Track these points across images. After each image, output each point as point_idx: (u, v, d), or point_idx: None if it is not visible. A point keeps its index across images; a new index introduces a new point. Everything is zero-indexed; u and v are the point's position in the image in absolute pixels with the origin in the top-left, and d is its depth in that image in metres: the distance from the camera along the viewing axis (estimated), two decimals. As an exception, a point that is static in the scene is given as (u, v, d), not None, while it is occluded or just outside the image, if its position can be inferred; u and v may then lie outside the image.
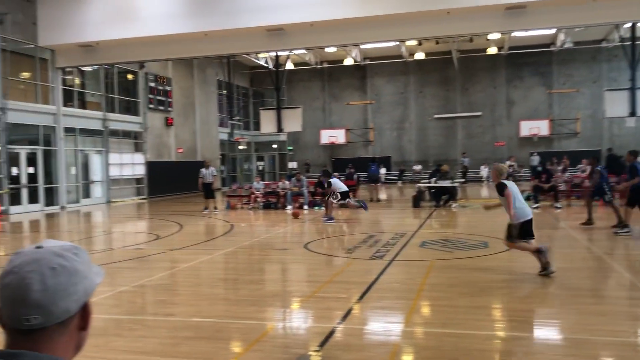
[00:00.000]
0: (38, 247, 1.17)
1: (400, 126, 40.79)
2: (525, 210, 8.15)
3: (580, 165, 25.84)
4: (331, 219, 15.81)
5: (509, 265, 9.30)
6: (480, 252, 10.33)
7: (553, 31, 32.59)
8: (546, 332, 5.76)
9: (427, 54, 36.98)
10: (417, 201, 19.90)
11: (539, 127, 37.25)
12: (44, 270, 1.12)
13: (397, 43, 32.89)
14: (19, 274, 1.12)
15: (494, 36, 31.01)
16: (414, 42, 33.05)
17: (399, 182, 37.62)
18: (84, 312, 1.20)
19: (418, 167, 38.65)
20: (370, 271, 8.69)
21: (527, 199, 12.95)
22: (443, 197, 19.63)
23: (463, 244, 11.35)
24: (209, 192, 20.17)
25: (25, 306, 1.10)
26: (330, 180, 16.81)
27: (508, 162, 32.13)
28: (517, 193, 8.21)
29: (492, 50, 35.43)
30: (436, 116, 39.83)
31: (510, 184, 8.25)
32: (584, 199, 15.71)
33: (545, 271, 7.91)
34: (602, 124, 36.27)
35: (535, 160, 32.81)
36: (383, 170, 36.19)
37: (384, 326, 5.96)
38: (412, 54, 37.77)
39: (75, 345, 1.21)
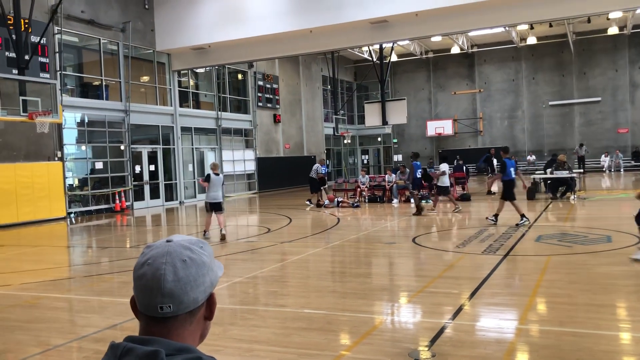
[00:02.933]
0: (168, 241, 1.24)
1: (512, 115, 39.10)
2: (211, 195, 12.52)
3: None
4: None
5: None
6: (603, 246, 9.66)
7: (684, 5, 29.65)
8: (682, 335, 5.27)
9: (539, 38, 35.15)
10: (531, 193, 19.00)
11: (669, 111, 34.16)
12: (175, 262, 1.19)
13: (507, 28, 31.51)
14: (153, 265, 1.19)
15: (615, 15, 28.80)
16: (525, 27, 31.49)
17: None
18: (210, 303, 1.26)
19: (532, 158, 36.89)
20: (482, 266, 8.42)
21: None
22: (560, 188, 18.62)
23: (583, 238, 10.67)
24: (315, 185, 20.69)
25: (160, 295, 1.17)
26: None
27: None
28: (215, 182, 12.35)
29: (613, 30, 32.90)
30: (551, 103, 37.75)
31: (213, 176, 12.34)
32: None
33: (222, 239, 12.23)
34: None
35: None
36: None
37: (498, 323, 5.74)
38: (523, 39, 36.06)
39: (201, 333, 1.28)
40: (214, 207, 12.63)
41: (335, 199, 20.00)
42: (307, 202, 20.56)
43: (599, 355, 4.66)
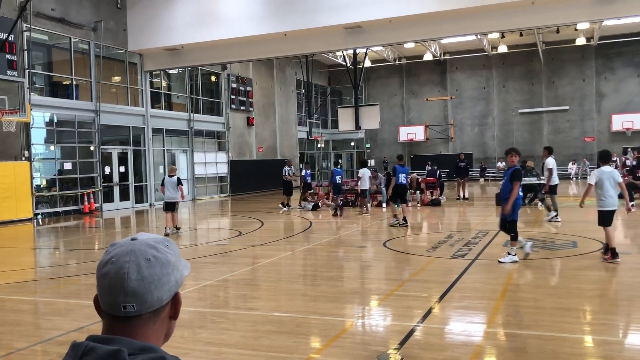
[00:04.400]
0: (133, 239, 1.23)
1: (482, 122, 39.69)
2: (165, 195, 13.83)
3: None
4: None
5: (600, 265, 8.81)
6: (569, 252, 9.87)
7: (649, 18, 30.52)
8: (642, 338, 5.41)
9: (510, 47, 35.77)
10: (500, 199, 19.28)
11: (633, 121, 35.09)
12: (139, 261, 1.17)
13: (479, 36, 32.01)
14: (116, 263, 1.17)
15: (583, 26, 29.50)
16: (496, 35, 32.02)
17: (481, 179, 36.64)
18: (175, 302, 1.25)
19: (502, 164, 37.44)
20: (451, 270, 8.51)
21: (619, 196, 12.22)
22: (528, 194, 18.93)
23: (550, 243, 10.88)
24: (287, 188, 20.80)
25: (123, 294, 1.15)
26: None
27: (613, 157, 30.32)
28: (168, 183, 13.68)
29: (581, 41, 33.70)
30: (520, 111, 38.44)
31: (167, 179, 13.78)
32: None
33: None
34: None
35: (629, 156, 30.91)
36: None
37: (466, 326, 5.82)
38: (494, 47, 36.66)
39: (165, 333, 1.26)
40: (167, 206, 13.97)
41: (313, 203, 20.12)
42: (288, 206, 20.43)
43: (563, 357, 4.75)
